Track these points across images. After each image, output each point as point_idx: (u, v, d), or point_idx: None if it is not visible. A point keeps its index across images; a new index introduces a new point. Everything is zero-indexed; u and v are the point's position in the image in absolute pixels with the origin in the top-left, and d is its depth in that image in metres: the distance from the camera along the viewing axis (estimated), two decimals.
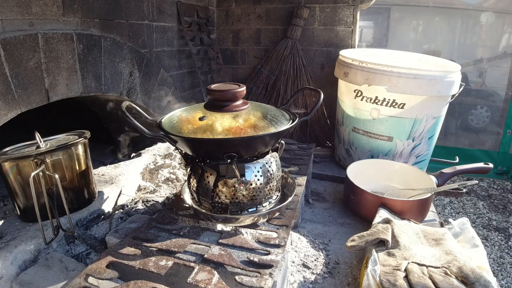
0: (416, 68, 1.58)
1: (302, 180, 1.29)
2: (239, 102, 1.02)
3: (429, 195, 1.36)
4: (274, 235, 0.95)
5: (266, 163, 1.00)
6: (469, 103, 4.66)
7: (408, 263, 0.94)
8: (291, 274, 1.06)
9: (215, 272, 0.79)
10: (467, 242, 1.13)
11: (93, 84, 1.51)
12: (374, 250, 1.01)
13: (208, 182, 0.97)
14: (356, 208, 1.46)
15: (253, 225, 0.99)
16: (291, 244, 1.19)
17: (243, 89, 1.01)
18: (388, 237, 1.04)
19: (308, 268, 1.10)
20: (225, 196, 0.97)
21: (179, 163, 1.61)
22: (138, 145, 1.92)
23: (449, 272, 0.90)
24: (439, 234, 1.10)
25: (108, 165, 1.60)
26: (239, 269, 0.81)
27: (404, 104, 1.64)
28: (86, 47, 1.43)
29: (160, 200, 1.35)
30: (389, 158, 1.77)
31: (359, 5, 2.23)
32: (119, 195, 1.33)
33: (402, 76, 1.58)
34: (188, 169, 1.04)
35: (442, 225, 1.23)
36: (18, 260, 0.96)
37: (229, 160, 0.90)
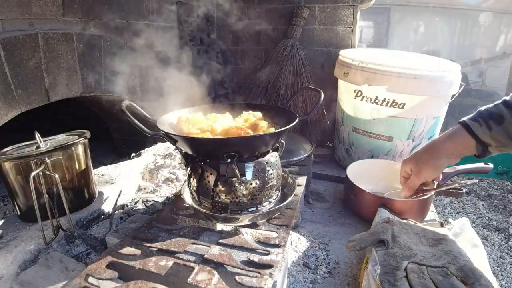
0: (416, 68, 1.58)
1: (302, 180, 1.29)
2: None
3: (429, 195, 1.36)
4: (274, 235, 0.95)
5: (266, 162, 1.00)
6: (469, 103, 4.67)
7: (408, 263, 0.94)
8: (291, 274, 1.06)
9: (215, 272, 0.79)
10: (467, 242, 1.13)
11: (93, 84, 1.51)
12: (374, 250, 1.01)
13: (208, 181, 0.97)
14: (356, 208, 1.45)
15: (253, 225, 0.99)
16: (291, 244, 1.19)
17: None
18: (388, 237, 1.04)
19: (308, 268, 1.10)
20: (225, 195, 0.97)
21: (179, 163, 1.61)
22: (138, 145, 1.92)
23: (449, 272, 0.90)
24: (439, 234, 1.10)
25: (108, 165, 1.60)
26: (239, 269, 0.81)
27: (404, 104, 1.64)
28: (86, 47, 1.43)
29: (160, 200, 1.35)
30: (389, 158, 1.77)
31: (359, 5, 2.23)
32: (119, 195, 1.33)
33: (402, 76, 1.58)
34: (188, 168, 1.04)
35: (442, 225, 1.23)
36: (18, 260, 0.96)
37: (229, 160, 0.90)
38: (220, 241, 0.92)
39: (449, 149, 1.06)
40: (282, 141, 1.10)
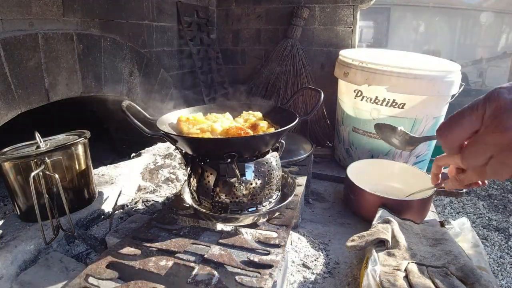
0: (416, 68, 1.58)
1: (302, 180, 1.29)
2: None
3: (429, 195, 1.36)
4: (274, 235, 0.95)
5: (266, 162, 1.00)
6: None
7: (408, 263, 0.94)
8: (291, 274, 1.06)
9: (215, 272, 0.79)
10: (467, 242, 1.13)
11: (93, 84, 1.51)
12: (374, 250, 1.01)
13: (208, 181, 0.97)
14: (356, 208, 1.45)
15: (253, 225, 0.99)
16: (291, 244, 1.19)
17: None
18: (388, 237, 1.04)
19: (308, 268, 1.10)
20: (225, 195, 0.97)
21: (179, 163, 1.61)
22: (138, 145, 1.92)
23: (449, 272, 0.90)
24: (439, 234, 1.10)
25: (108, 165, 1.60)
26: (239, 269, 0.81)
27: (404, 104, 1.64)
28: (86, 47, 1.43)
29: (160, 200, 1.35)
30: (389, 158, 1.77)
31: (359, 5, 2.23)
32: (119, 195, 1.33)
33: (402, 76, 1.58)
34: (188, 168, 1.04)
35: (442, 225, 1.23)
36: (18, 260, 0.96)
37: (229, 160, 0.90)
38: (220, 241, 0.92)
39: None
40: (282, 141, 1.10)
